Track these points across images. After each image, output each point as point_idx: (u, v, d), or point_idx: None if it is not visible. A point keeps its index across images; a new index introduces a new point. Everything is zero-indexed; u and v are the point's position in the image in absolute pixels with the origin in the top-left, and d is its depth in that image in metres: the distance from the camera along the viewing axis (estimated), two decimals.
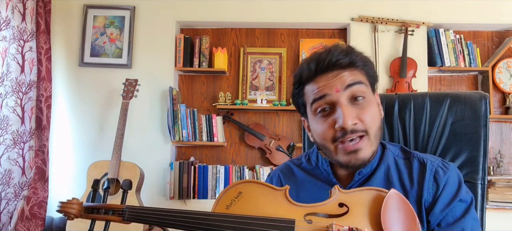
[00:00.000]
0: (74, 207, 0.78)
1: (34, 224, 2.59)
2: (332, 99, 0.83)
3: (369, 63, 0.88)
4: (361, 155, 0.82)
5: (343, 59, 0.83)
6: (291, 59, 3.17)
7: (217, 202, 0.76)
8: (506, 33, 3.09)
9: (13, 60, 2.59)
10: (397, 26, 2.98)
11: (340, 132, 0.82)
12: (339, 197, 0.74)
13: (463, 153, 1.03)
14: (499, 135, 3.04)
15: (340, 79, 0.83)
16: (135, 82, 2.78)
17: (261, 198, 0.75)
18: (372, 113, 0.84)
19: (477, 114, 1.04)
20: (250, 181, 0.77)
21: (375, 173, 0.89)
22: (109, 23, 3.09)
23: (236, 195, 0.75)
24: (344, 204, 0.73)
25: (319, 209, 0.73)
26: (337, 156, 0.84)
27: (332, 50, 0.85)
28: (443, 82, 3.13)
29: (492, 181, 2.77)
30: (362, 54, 0.88)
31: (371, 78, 0.89)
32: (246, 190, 0.76)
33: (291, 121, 3.15)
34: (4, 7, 2.55)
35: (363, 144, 0.82)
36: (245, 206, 0.74)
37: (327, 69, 0.84)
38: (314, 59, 0.86)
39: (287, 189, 0.76)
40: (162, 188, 2.97)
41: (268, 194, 0.75)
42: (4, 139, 2.53)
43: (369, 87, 0.87)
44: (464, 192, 0.84)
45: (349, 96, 0.83)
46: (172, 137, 2.94)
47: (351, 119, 0.80)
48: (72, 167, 2.99)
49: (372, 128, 0.83)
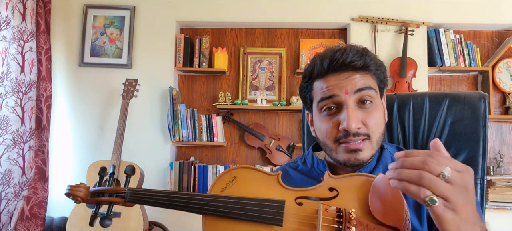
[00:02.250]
0: (81, 191, 0.84)
1: (34, 224, 2.59)
2: (340, 100, 0.82)
3: (381, 68, 0.88)
4: (360, 156, 0.82)
5: (357, 61, 0.82)
6: (291, 59, 3.17)
7: (213, 185, 0.79)
8: (506, 33, 3.08)
9: (13, 60, 2.59)
10: (397, 26, 2.98)
11: (343, 133, 0.82)
12: (329, 182, 0.77)
13: (462, 153, 1.03)
14: (499, 135, 3.04)
15: (351, 82, 0.82)
16: (135, 82, 2.78)
17: (254, 182, 0.78)
18: (377, 119, 0.84)
19: (477, 114, 1.03)
20: (245, 166, 0.81)
21: (373, 173, 0.88)
22: (109, 23, 3.10)
23: (231, 180, 0.79)
24: (334, 189, 0.76)
25: (310, 193, 0.76)
26: (337, 154, 0.85)
27: (348, 51, 0.83)
28: (443, 82, 3.13)
29: (492, 181, 2.77)
30: (376, 58, 0.87)
31: (382, 83, 0.89)
32: (241, 175, 0.79)
33: (291, 121, 3.15)
34: (4, 7, 2.55)
35: (364, 146, 0.82)
36: (239, 189, 0.78)
37: (340, 69, 0.83)
38: (328, 56, 0.84)
39: (279, 174, 0.79)
40: (162, 188, 2.97)
41: (261, 179, 0.79)
42: (4, 139, 2.53)
43: (378, 93, 0.87)
44: None
45: (357, 100, 0.83)
46: (172, 137, 2.94)
47: (356, 122, 0.80)
48: (72, 167, 2.99)
49: (375, 133, 0.83)
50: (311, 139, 1.25)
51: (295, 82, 3.15)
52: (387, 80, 0.91)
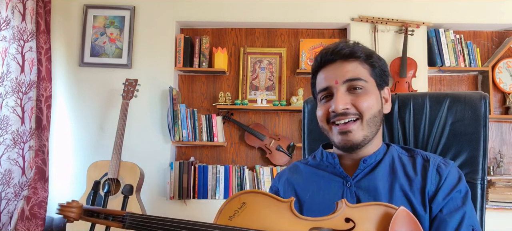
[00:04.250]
0: (73, 211, 0.77)
1: (34, 224, 2.59)
2: (332, 90, 0.92)
3: (373, 58, 0.94)
4: (351, 137, 0.89)
5: (344, 49, 0.92)
6: (291, 59, 3.17)
7: (220, 212, 0.74)
8: (506, 33, 3.08)
9: (13, 60, 2.59)
10: (397, 26, 2.98)
11: (332, 114, 0.91)
12: (345, 211, 0.72)
13: (463, 153, 1.03)
14: (499, 135, 3.04)
15: (341, 72, 0.91)
16: (135, 82, 2.78)
17: (265, 210, 0.73)
18: (368, 102, 0.90)
19: (477, 115, 1.04)
20: (255, 191, 0.75)
21: (380, 164, 0.93)
22: (109, 23, 3.09)
23: (240, 206, 0.73)
24: (350, 219, 0.71)
25: (325, 223, 0.72)
26: (333, 135, 0.94)
27: (338, 42, 0.94)
28: (443, 82, 3.13)
29: (492, 181, 2.77)
30: (368, 49, 0.95)
31: (376, 75, 0.94)
32: (250, 200, 0.73)
33: (291, 121, 3.15)
34: (4, 7, 2.55)
35: (354, 127, 0.89)
36: (249, 218, 0.72)
37: (331, 60, 0.93)
38: (323, 50, 0.95)
39: (292, 201, 0.74)
40: (162, 188, 2.97)
41: (272, 206, 0.73)
42: (4, 139, 2.53)
43: (372, 83, 0.93)
44: (464, 184, 0.89)
45: (348, 87, 0.91)
46: (172, 137, 2.94)
47: (343, 104, 0.89)
48: (72, 167, 2.99)
49: (366, 114, 0.90)
50: (311, 139, 1.25)
51: (295, 82, 3.15)
52: (385, 72, 0.96)
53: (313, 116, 1.22)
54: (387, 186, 0.89)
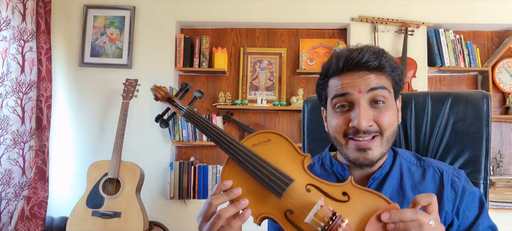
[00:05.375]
0: (162, 92, 1.03)
1: (34, 224, 2.59)
2: (353, 99, 0.84)
3: (397, 70, 0.88)
4: (370, 155, 0.84)
5: (372, 61, 0.84)
6: (291, 59, 3.17)
7: (249, 137, 0.84)
8: (506, 33, 3.09)
9: (13, 60, 2.58)
10: (397, 26, 2.98)
11: (352, 130, 0.84)
12: (347, 187, 0.76)
13: (465, 153, 1.03)
14: (499, 135, 3.04)
15: (365, 81, 0.84)
16: (135, 82, 2.78)
17: (283, 153, 0.81)
18: (389, 118, 0.85)
19: (479, 114, 1.03)
20: (282, 135, 0.83)
21: (387, 179, 0.90)
22: (109, 23, 3.09)
23: (265, 140, 0.83)
24: (347, 194, 0.75)
25: (324, 186, 0.77)
26: (347, 150, 0.87)
27: (364, 51, 0.85)
28: (443, 83, 3.13)
29: (492, 181, 2.77)
30: (393, 60, 0.88)
31: (397, 85, 0.90)
32: (275, 140, 0.83)
33: (291, 121, 3.15)
34: (4, 7, 2.55)
35: (374, 144, 0.84)
36: (267, 152, 0.81)
37: (354, 68, 0.85)
38: (344, 56, 0.86)
39: (307, 157, 0.80)
40: (162, 188, 2.96)
41: (290, 152, 0.81)
42: (4, 139, 2.52)
43: (392, 94, 0.88)
44: (487, 215, 0.88)
45: (370, 99, 0.84)
46: (172, 137, 2.94)
47: (367, 120, 0.82)
48: (72, 167, 2.99)
49: (387, 131, 0.85)
50: (311, 139, 1.24)
51: (295, 82, 3.15)
52: (403, 82, 0.92)
53: (313, 116, 1.22)
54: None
